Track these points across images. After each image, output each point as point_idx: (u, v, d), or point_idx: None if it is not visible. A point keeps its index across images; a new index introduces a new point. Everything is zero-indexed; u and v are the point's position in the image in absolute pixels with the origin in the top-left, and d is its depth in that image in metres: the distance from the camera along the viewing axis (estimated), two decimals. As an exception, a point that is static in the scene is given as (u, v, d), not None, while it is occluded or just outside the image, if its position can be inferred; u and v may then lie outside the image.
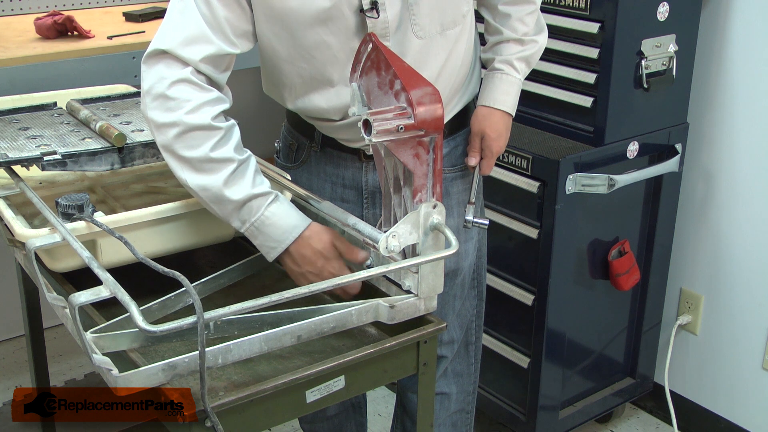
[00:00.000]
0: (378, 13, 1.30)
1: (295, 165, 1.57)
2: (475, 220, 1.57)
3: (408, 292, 1.21)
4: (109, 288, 1.00)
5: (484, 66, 1.62)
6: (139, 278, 1.19)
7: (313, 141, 1.52)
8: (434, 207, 1.15)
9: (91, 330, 1.11)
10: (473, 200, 1.58)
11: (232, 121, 1.28)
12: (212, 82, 1.28)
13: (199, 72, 1.25)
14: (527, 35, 1.55)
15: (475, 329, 1.77)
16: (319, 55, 1.33)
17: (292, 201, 1.39)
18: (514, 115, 1.58)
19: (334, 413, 1.79)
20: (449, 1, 1.38)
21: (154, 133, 1.25)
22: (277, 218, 1.25)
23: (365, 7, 1.29)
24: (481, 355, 1.83)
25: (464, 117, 1.57)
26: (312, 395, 1.11)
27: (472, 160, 1.56)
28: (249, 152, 1.28)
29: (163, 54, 1.24)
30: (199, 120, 1.22)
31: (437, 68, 1.41)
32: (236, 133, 1.27)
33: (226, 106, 1.28)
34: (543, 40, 1.58)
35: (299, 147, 1.56)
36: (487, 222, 1.59)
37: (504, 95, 1.55)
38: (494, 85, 1.56)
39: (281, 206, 1.26)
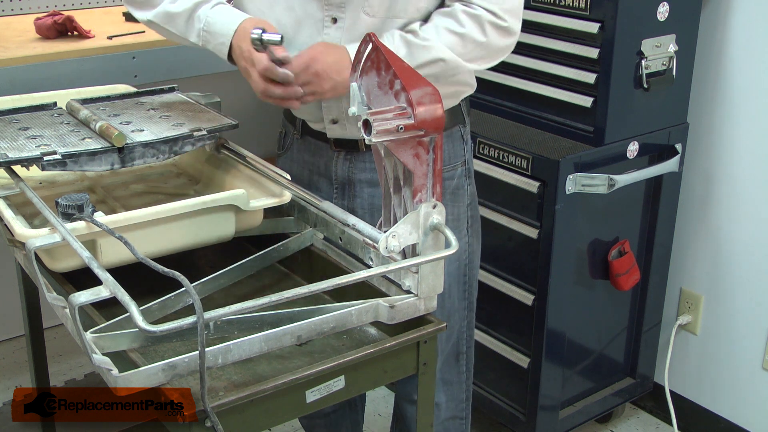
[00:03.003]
0: None
1: (282, 152, 1.65)
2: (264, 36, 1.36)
3: (408, 292, 1.21)
4: (109, 288, 1.00)
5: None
6: (139, 278, 1.19)
7: (295, 128, 1.60)
8: (434, 207, 1.15)
9: (91, 330, 1.11)
10: None
11: None
12: None
13: None
14: (429, 36, 1.39)
15: (466, 339, 1.74)
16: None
17: (292, 201, 1.39)
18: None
19: (331, 410, 1.81)
20: None
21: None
22: (220, 16, 1.42)
23: None
24: (481, 355, 1.83)
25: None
26: (312, 395, 1.11)
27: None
28: None
29: None
30: None
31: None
32: None
33: None
34: (445, 51, 1.39)
35: (286, 134, 1.65)
36: (278, 37, 1.36)
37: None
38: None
39: (223, 7, 1.43)
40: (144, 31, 2.13)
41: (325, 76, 1.37)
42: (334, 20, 1.42)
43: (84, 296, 0.98)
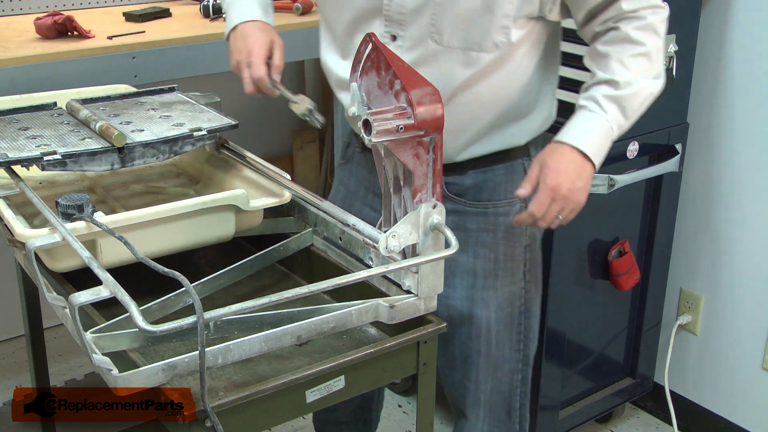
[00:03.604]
0: None
1: (343, 162, 1.59)
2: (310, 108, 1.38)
3: (408, 292, 1.21)
4: (109, 288, 1.00)
5: None
6: (139, 278, 1.19)
7: (357, 141, 1.54)
8: (434, 207, 1.15)
9: (91, 330, 1.11)
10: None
11: None
12: None
13: None
14: (624, 78, 1.29)
15: (520, 396, 1.56)
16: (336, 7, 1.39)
17: (292, 201, 1.39)
18: (595, 161, 1.30)
19: (345, 420, 1.77)
20: (479, 20, 1.28)
21: None
22: (239, 2, 1.46)
23: None
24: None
25: (504, 154, 1.43)
26: (312, 395, 1.11)
27: (521, 190, 1.30)
28: None
29: None
30: None
31: (454, 85, 1.33)
32: None
33: None
34: (647, 85, 1.31)
35: (349, 145, 1.59)
36: (321, 120, 1.37)
37: (579, 130, 1.30)
38: (571, 121, 1.33)
39: None
40: (144, 31, 2.13)
41: (573, 193, 1.28)
42: (394, 37, 1.35)
43: (84, 296, 0.98)
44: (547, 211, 1.27)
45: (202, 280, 1.29)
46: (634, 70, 1.29)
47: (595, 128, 1.30)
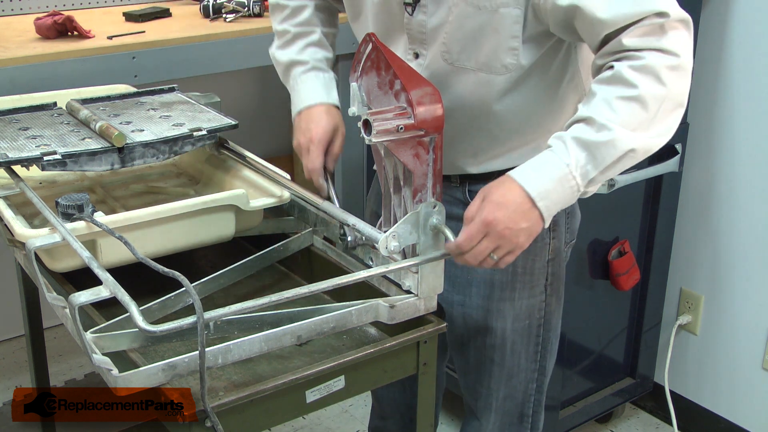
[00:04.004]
0: (413, 12, 1.26)
1: None
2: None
3: (408, 292, 1.21)
4: (109, 288, 1.00)
5: None
6: (139, 278, 1.19)
7: None
8: (434, 207, 1.15)
9: (91, 330, 1.11)
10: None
11: (305, 2, 1.49)
12: None
13: None
14: (603, 119, 1.11)
15: (533, 404, 1.52)
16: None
17: (292, 201, 1.39)
18: (540, 206, 1.12)
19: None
20: (488, 41, 1.22)
21: None
22: (302, 86, 1.47)
23: (405, 0, 1.27)
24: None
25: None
26: (312, 395, 1.11)
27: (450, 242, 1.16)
28: (315, 29, 1.49)
29: None
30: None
31: (469, 107, 1.29)
32: (306, 11, 1.49)
33: None
34: (631, 139, 1.12)
35: None
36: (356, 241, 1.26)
37: (531, 168, 1.14)
38: (529, 160, 1.16)
39: (309, 78, 1.47)
40: (144, 31, 2.13)
41: (511, 233, 1.12)
42: (416, 55, 1.32)
43: (84, 296, 0.98)
44: (477, 247, 1.13)
45: (202, 280, 1.29)
46: (620, 115, 1.11)
47: (550, 171, 1.12)
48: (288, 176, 1.42)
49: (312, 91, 1.46)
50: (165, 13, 2.34)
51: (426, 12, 1.26)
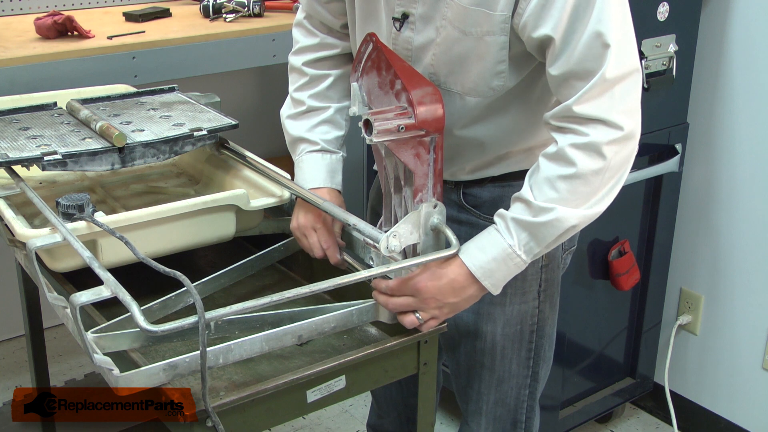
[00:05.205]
0: (401, 27, 1.25)
1: None
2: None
3: (408, 292, 1.21)
4: (110, 288, 1.00)
5: None
6: (139, 278, 1.19)
7: None
8: (435, 207, 1.15)
9: (92, 330, 1.11)
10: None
11: (327, 72, 1.42)
12: (324, 27, 1.42)
13: (311, 16, 1.42)
14: (542, 203, 1.15)
15: (526, 410, 1.52)
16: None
17: (291, 201, 1.39)
18: (484, 283, 1.18)
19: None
20: (475, 66, 1.22)
21: None
22: (306, 166, 1.40)
23: (394, 15, 1.26)
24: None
25: (526, 173, 1.26)
26: (313, 395, 1.11)
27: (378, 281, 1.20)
28: (331, 105, 1.41)
29: None
30: (294, 62, 1.44)
31: (457, 124, 1.29)
32: (325, 82, 1.42)
33: (327, 52, 1.42)
34: (571, 216, 1.14)
35: None
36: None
37: (475, 247, 1.19)
38: (479, 235, 1.21)
39: (314, 159, 1.40)
40: (144, 31, 2.13)
41: (435, 303, 1.19)
42: None
43: (85, 296, 0.98)
44: (400, 302, 1.18)
45: (203, 280, 1.29)
46: (562, 193, 1.14)
47: (494, 252, 1.17)
48: (288, 176, 1.42)
49: (317, 173, 1.40)
50: (165, 13, 2.34)
51: (413, 29, 1.25)
